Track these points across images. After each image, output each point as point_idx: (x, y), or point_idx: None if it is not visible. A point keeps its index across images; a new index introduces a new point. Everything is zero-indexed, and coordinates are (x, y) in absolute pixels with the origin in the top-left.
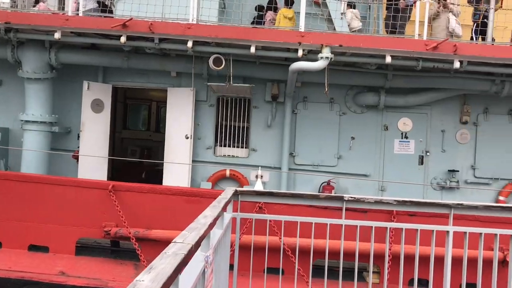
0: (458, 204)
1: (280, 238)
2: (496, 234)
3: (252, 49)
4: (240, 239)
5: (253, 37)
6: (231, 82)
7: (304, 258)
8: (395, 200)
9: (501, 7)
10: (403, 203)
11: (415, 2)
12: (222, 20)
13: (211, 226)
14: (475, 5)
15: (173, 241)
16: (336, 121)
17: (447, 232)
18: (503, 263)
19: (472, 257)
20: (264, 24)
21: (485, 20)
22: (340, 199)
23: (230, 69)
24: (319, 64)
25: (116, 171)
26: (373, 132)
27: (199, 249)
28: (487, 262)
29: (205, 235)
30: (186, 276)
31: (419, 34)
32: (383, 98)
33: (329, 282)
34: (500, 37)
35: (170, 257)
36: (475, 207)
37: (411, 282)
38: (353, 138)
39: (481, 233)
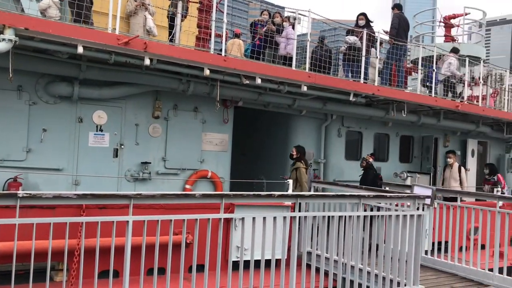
0: (137, 194)
1: None
2: (171, 220)
3: None
4: None
5: None
6: None
7: None
8: (75, 194)
9: (188, 13)
10: (84, 196)
11: None
12: None
13: None
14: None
15: None
16: (26, 111)
17: (127, 222)
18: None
19: (162, 242)
20: None
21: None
22: (14, 196)
23: None
24: (0, 46)
25: None
26: (67, 124)
27: None
28: (175, 245)
29: None
30: None
31: (113, 28)
32: (77, 90)
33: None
34: (186, 41)
35: None
36: (152, 196)
37: (105, 274)
38: (45, 130)
39: (158, 220)
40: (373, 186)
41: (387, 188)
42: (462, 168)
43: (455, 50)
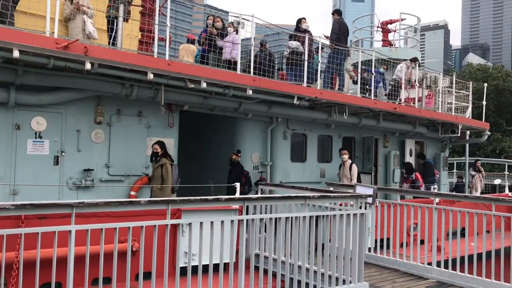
0: (79, 202)
1: None
2: (116, 228)
3: None
4: None
5: None
6: None
7: None
8: (12, 205)
9: (130, 16)
10: (22, 206)
11: None
12: None
13: None
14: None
15: None
16: None
17: (70, 231)
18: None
19: (107, 251)
20: None
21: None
22: None
23: None
24: None
25: None
26: (4, 131)
27: None
28: (120, 254)
29: None
30: None
31: (52, 32)
32: (14, 95)
33: None
34: (128, 44)
35: None
36: (96, 204)
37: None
38: None
39: (102, 228)
40: (237, 182)
41: (330, 188)
42: (353, 166)
43: (413, 59)
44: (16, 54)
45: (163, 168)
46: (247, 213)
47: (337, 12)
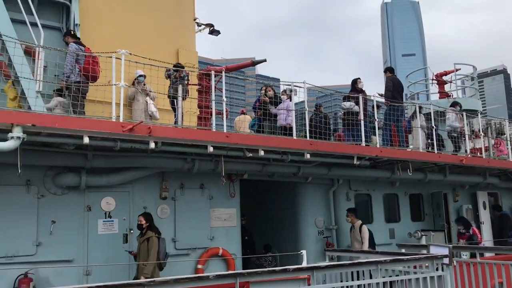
0: (151, 281)
1: None
2: None
3: None
4: None
5: None
6: None
7: None
8: (88, 287)
9: (188, 95)
10: None
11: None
12: None
13: None
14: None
15: None
16: (34, 204)
17: None
18: None
19: None
20: None
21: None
22: None
23: None
24: (9, 144)
25: None
26: (76, 213)
27: None
28: None
29: None
30: None
31: (117, 116)
32: (84, 179)
33: None
34: (188, 121)
35: None
36: (166, 282)
37: None
38: (53, 221)
39: None
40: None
41: (402, 250)
42: (364, 227)
43: (453, 104)
44: (86, 140)
45: (150, 241)
46: (316, 283)
47: (389, 70)
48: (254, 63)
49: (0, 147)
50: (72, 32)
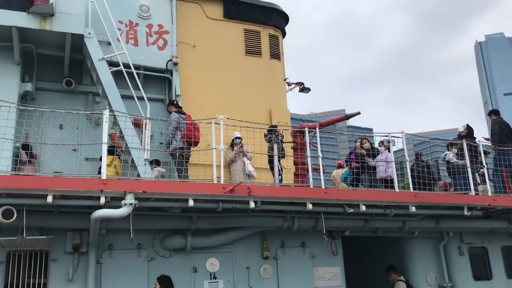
0: None
1: None
2: None
3: (49, 199)
4: None
5: (50, 186)
6: (24, 235)
7: None
8: None
9: (284, 153)
10: None
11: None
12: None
13: None
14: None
15: None
16: (145, 267)
17: None
18: None
19: None
20: None
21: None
22: None
23: (23, 221)
24: (123, 211)
25: None
26: (183, 275)
27: None
28: None
29: None
30: None
31: (218, 177)
32: (190, 240)
33: None
34: (285, 178)
35: None
36: None
37: None
38: None
39: None
40: None
41: None
42: (398, 284)
43: None
44: (191, 203)
45: None
46: None
47: (493, 112)
48: (348, 116)
49: (115, 214)
50: (175, 102)
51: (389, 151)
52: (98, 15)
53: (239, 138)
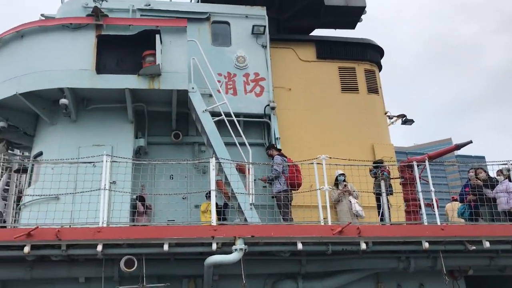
0: None
1: None
2: None
3: (166, 247)
4: None
5: (166, 234)
6: (145, 283)
7: None
8: None
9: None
10: None
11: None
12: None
13: None
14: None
15: None
16: None
17: None
18: None
19: None
20: None
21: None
22: None
23: (143, 270)
24: (234, 256)
25: None
26: None
27: None
28: None
29: None
30: None
31: (324, 219)
32: (301, 284)
33: None
34: (396, 216)
35: None
36: None
37: None
38: None
39: None
40: None
41: None
42: None
43: None
44: (300, 246)
45: None
46: None
47: None
48: (458, 146)
49: (227, 259)
50: (275, 145)
51: (509, 180)
52: (199, 70)
53: (342, 174)
